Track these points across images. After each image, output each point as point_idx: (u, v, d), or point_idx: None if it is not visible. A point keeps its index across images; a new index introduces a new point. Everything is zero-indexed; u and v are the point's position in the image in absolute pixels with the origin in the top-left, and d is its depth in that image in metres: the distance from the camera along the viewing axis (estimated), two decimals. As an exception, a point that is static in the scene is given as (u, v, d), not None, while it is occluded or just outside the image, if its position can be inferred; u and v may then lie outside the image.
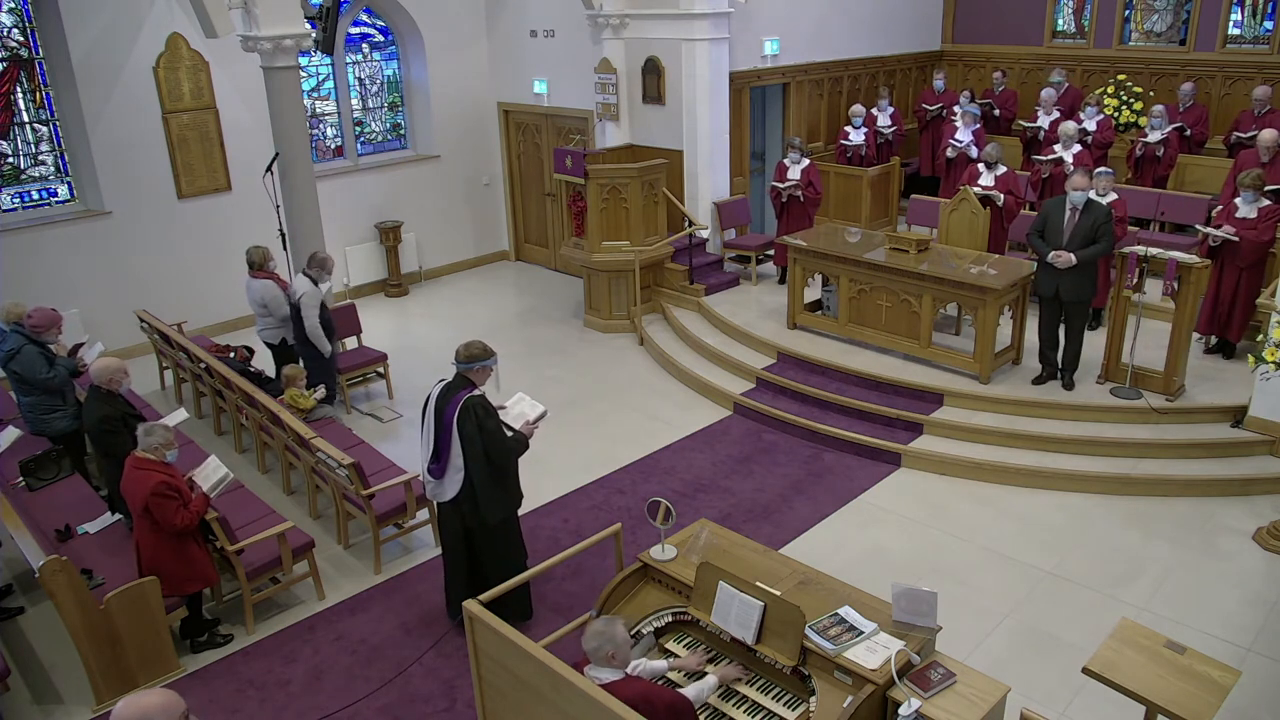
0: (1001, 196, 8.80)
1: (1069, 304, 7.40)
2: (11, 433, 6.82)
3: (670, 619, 4.51)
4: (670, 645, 4.47)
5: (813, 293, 9.21)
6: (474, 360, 5.27)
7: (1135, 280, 7.25)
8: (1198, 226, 7.99)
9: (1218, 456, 7.02)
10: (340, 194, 11.21)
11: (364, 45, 11.79)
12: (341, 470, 6.12)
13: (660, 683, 4.18)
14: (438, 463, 5.32)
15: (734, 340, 9.25)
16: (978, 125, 10.89)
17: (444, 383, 5.35)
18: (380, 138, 12.18)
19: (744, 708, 4.08)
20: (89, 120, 9.41)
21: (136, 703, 2.73)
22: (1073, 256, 7.17)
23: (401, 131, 12.34)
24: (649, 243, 9.98)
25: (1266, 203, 7.53)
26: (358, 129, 11.91)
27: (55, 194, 9.77)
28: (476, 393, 5.25)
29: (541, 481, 7.38)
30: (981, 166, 9.14)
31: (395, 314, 11.31)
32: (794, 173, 9.82)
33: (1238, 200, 7.64)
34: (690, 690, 3.97)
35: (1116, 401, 7.36)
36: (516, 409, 5.62)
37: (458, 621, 5.61)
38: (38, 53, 9.38)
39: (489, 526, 5.39)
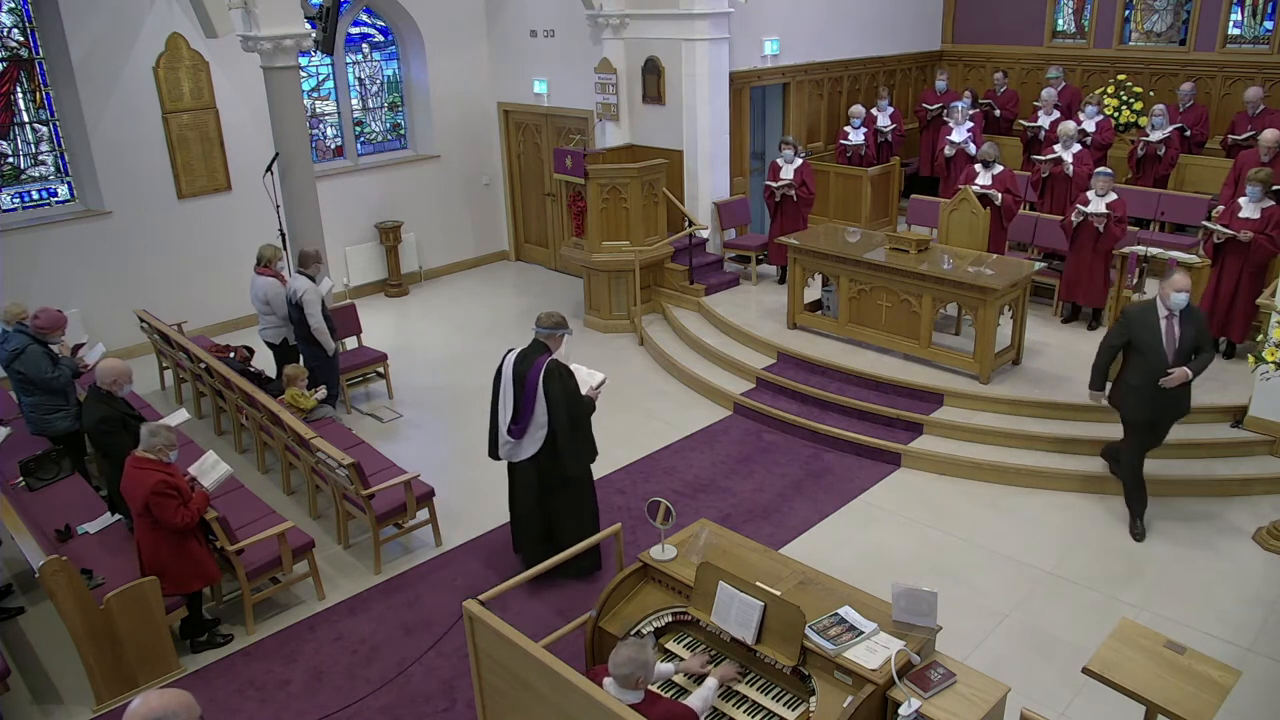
0: (999, 196, 8.81)
1: (1165, 425, 6.33)
2: (2, 431, 6.81)
3: (670, 619, 4.51)
4: (670, 645, 4.47)
5: (813, 293, 9.21)
6: (556, 327, 5.72)
7: (1135, 280, 7.25)
8: (1204, 224, 7.95)
9: (1218, 456, 7.02)
10: (340, 194, 11.21)
11: (364, 45, 11.79)
12: (341, 470, 6.12)
13: (659, 685, 4.18)
14: (518, 424, 5.67)
15: (734, 340, 9.25)
16: (971, 123, 10.88)
17: (515, 351, 5.74)
18: (380, 138, 12.18)
19: (744, 708, 4.08)
20: (89, 120, 9.41)
21: (159, 700, 2.70)
22: (1187, 370, 5.94)
23: (401, 131, 12.34)
24: (649, 243, 9.98)
25: (1270, 203, 7.52)
26: (358, 129, 11.92)
27: (55, 194, 9.77)
28: (555, 357, 5.66)
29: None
30: (979, 166, 9.15)
31: (395, 314, 11.31)
32: (787, 172, 9.82)
33: (1241, 200, 7.63)
34: (696, 700, 3.94)
35: (1116, 401, 7.35)
36: (578, 376, 5.85)
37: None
38: (38, 53, 9.38)
39: (567, 481, 5.80)
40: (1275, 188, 8.07)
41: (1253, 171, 7.61)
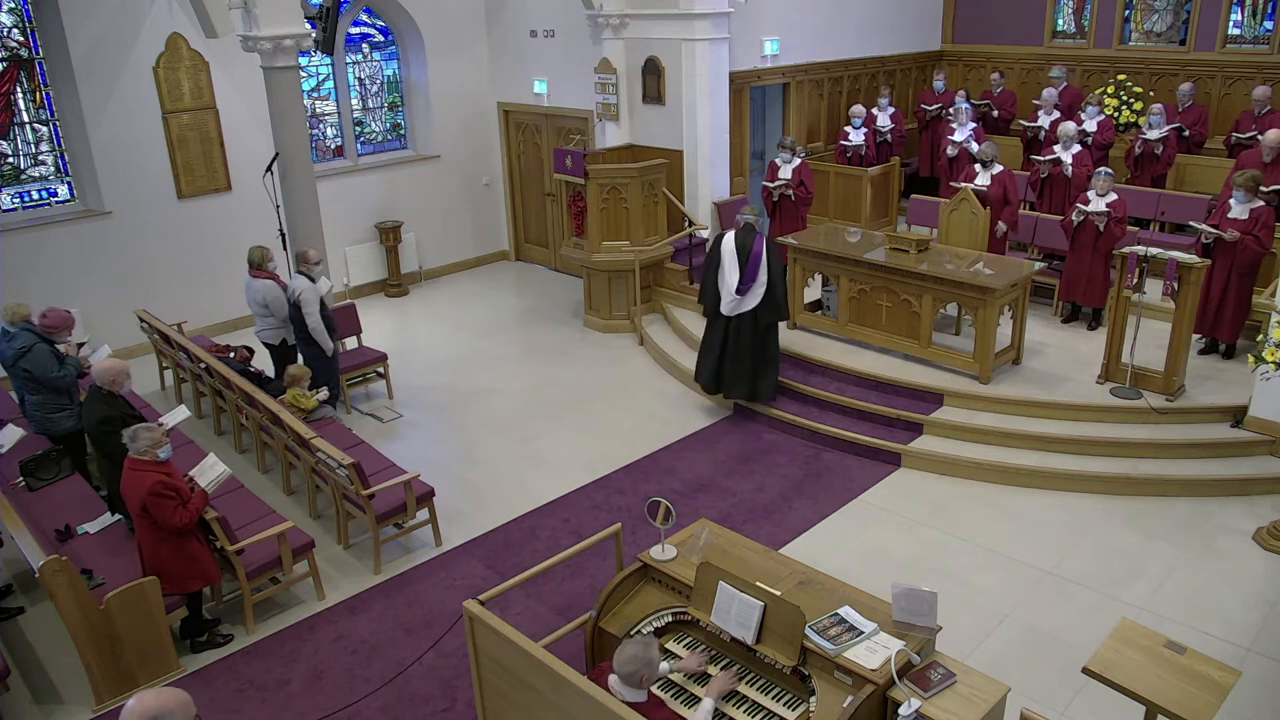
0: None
1: None
2: (14, 431, 6.82)
3: (670, 619, 4.51)
4: (670, 645, 4.47)
5: (813, 293, 9.22)
6: (760, 214, 7.95)
7: (1135, 280, 7.24)
8: (1192, 223, 7.97)
9: (1218, 456, 7.02)
10: (340, 194, 11.21)
11: (364, 45, 11.78)
12: (341, 470, 6.12)
13: (659, 684, 4.18)
14: (744, 284, 7.56)
15: (734, 340, 9.24)
16: (974, 123, 10.87)
17: (729, 233, 7.70)
18: (380, 138, 12.18)
19: (744, 708, 4.07)
20: (89, 120, 9.41)
21: (155, 699, 2.70)
22: None
23: (401, 131, 12.34)
24: (649, 243, 9.98)
25: (1259, 204, 7.52)
26: (358, 129, 11.91)
27: (55, 194, 9.77)
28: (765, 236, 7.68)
29: (541, 481, 7.38)
30: (977, 166, 9.14)
31: (395, 314, 11.31)
32: (785, 172, 9.80)
33: (1231, 200, 7.63)
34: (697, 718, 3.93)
35: (1116, 401, 7.36)
36: None
37: (718, 397, 8.29)
38: (38, 53, 9.38)
39: (769, 329, 7.80)
40: (1274, 188, 8.08)
41: (1237, 175, 7.62)
